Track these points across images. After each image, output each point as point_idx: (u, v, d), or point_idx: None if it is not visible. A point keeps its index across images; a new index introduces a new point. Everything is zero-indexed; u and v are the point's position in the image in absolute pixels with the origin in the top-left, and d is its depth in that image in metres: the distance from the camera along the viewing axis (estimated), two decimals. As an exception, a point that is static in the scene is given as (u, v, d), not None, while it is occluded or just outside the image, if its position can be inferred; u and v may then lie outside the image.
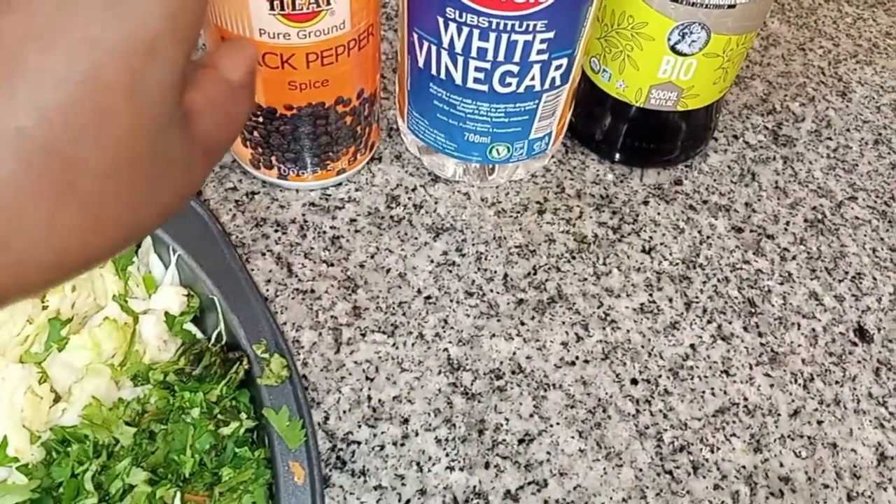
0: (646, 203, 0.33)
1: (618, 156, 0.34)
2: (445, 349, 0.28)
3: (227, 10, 0.25)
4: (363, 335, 0.28)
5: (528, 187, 0.34)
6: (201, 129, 0.15)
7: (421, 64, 0.29)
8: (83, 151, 0.12)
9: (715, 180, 0.35)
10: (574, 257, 0.31)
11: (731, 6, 0.27)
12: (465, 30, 0.26)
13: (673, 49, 0.29)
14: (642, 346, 0.29)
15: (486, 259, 0.31)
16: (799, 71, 0.40)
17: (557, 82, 0.29)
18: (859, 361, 0.29)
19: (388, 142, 0.34)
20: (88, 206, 0.13)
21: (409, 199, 0.33)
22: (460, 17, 0.26)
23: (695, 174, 0.35)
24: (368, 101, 0.30)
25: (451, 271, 0.30)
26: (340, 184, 0.32)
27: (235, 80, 0.16)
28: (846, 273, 0.32)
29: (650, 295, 0.31)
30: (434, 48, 0.28)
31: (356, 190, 0.32)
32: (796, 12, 0.43)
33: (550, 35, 0.27)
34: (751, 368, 0.29)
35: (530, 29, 0.26)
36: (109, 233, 0.13)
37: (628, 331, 0.29)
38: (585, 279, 0.31)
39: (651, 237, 0.32)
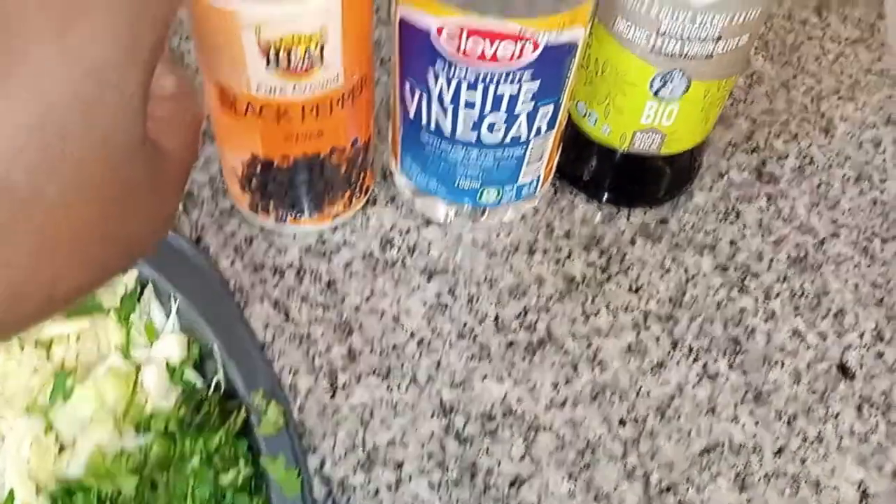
0: (633, 242, 0.34)
1: (605, 196, 0.35)
2: (438, 392, 0.29)
3: (226, 67, 0.26)
4: (358, 379, 0.29)
5: (518, 228, 0.34)
6: (168, 152, 0.15)
7: (412, 114, 0.30)
8: (38, 182, 0.12)
9: (700, 219, 0.36)
10: (563, 298, 0.32)
11: (709, 56, 0.28)
12: (454, 82, 0.27)
13: (655, 95, 0.30)
14: (630, 386, 0.30)
15: (477, 301, 0.32)
16: (782, 108, 0.41)
17: (544, 129, 0.30)
18: (842, 398, 0.30)
19: (382, 184, 0.35)
20: (47, 239, 0.12)
21: (403, 241, 0.33)
22: (449, 70, 0.27)
23: (681, 213, 0.36)
24: (363, 149, 0.31)
25: (443, 313, 0.31)
26: (336, 227, 0.33)
27: (176, 90, 0.16)
28: (829, 310, 0.33)
29: (637, 334, 0.31)
30: (425, 99, 0.29)
31: (351, 233, 0.33)
32: (780, 50, 0.44)
33: (535, 86, 0.28)
34: (736, 407, 0.30)
35: (516, 80, 0.27)
36: (74, 268, 0.13)
37: (616, 371, 0.30)
38: (574, 319, 0.32)
39: (638, 276, 0.33)
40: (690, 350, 0.31)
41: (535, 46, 0.26)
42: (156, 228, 0.15)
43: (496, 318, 0.31)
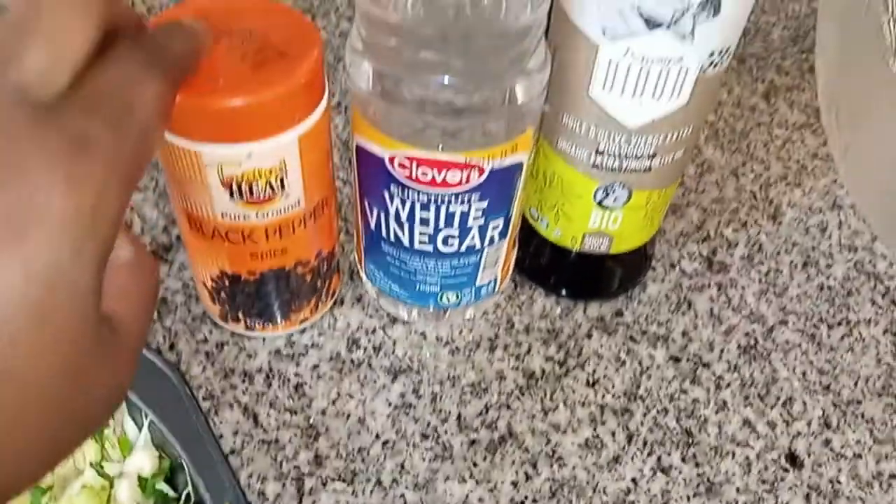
0: (589, 336, 0.36)
1: (562, 291, 0.37)
2: (402, 495, 0.30)
3: (193, 197, 0.28)
4: (324, 484, 0.30)
5: (480, 324, 0.36)
6: (122, 322, 0.16)
7: (372, 226, 0.32)
8: None
9: (653, 310, 0.37)
10: (523, 394, 0.34)
11: (647, 170, 0.31)
12: (408, 203, 0.29)
13: (599, 204, 0.32)
14: (587, 483, 0.31)
15: (440, 399, 0.33)
16: (732, 196, 0.43)
17: (496, 239, 0.32)
18: (790, 488, 0.32)
19: (349, 284, 0.37)
20: None
21: (369, 341, 0.35)
22: (403, 192, 0.29)
23: (635, 305, 0.37)
24: (327, 258, 0.33)
25: (407, 413, 0.33)
26: (304, 330, 0.35)
27: (132, 259, 0.17)
28: (777, 398, 0.34)
29: (594, 429, 0.33)
30: (383, 215, 0.31)
31: (319, 335, 0.35)
32: (729, 137, 0.47)
33: (485, 204, 0.29)
34: (688, 500, 0.31)
35: (465, 201, 0.29)
36: (30, 453, 0.14)
37: (574, 467, 0.31)
38: (534, 416, 0.33)
39: (595, 370, 0.35)
40: (645, 443, 0.32)
41: (481, 172, 0.28)
42: (110, 400, 0.16)
43: (458, 417, 0.33)
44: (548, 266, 0.37)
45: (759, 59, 0.53)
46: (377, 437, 0.32)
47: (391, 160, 0.28)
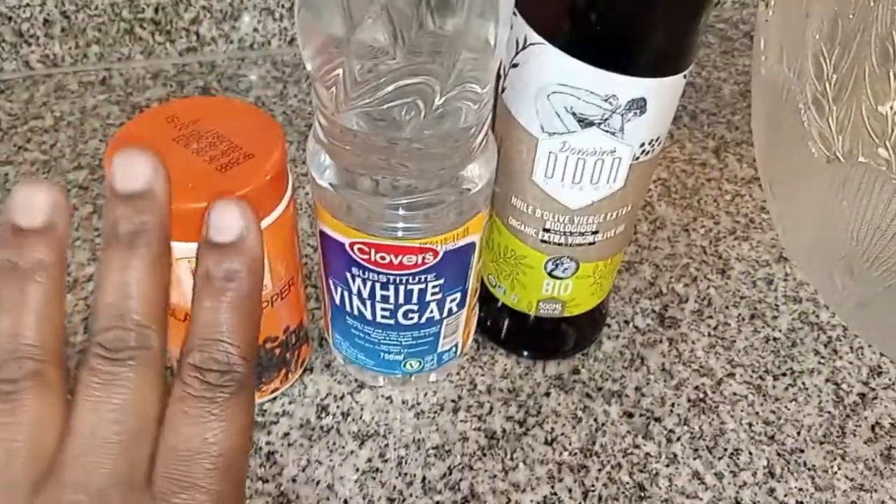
0: (547, 395, 0.38)
1: (522, 352, 0.39)
2: (368, 559, 0.32)
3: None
4: (295, 550, 0.32)
5: (444, 387, 0.38)
6: None
7: (337, 302, 0.34)
8: None
9: (608, 367, 0.39)
10: (485, 454, 0.35)
11: (591, 243, 0.33)
12: (369, 283, 0.31)
13: (550, 275, 0.34)
14: (544, 540, 0.33)
15: (406, 463, 0.35)
16: (683, 252, 0.45)
17: (455, 310, 0.34)
18: (736, 538, 0.33)
19: (319, 351, 0.39)
20: None
21: (338, 407, 0.37)
22: (363, 274, 0.31)
23: (591, 362, 0.39)
24: (295, 332, 0.35)
25: (374, 478, 0.34)
26: (276, 398, 0.37)
27: None
28: (725, 450, 0.36)
29: (552, 487, 0.35)
30: (346, 293, 0.33)
31: (290, 402, 0.37)
32: (681, 193, 0.49)
33: (441, 281, 0.32)
34: (640, 554, 0.33)
35: (422, 280, 0.31)
36: None
37: (532, 525, 0.33)
38: (495, 476, 0.35)
39: (553, 428, 0.37)
40: (600, 499, 0.34)
41: (436, 254, 0.30)
42: None
43: (423, 480, 0.34)
44: (507, 328, 0.39)
45: (710, 114, 0.56)
46: (345, 503, 0.33)
47: (351, 246, 0.30)
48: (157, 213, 0.23)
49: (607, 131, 0.27)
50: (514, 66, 0.28)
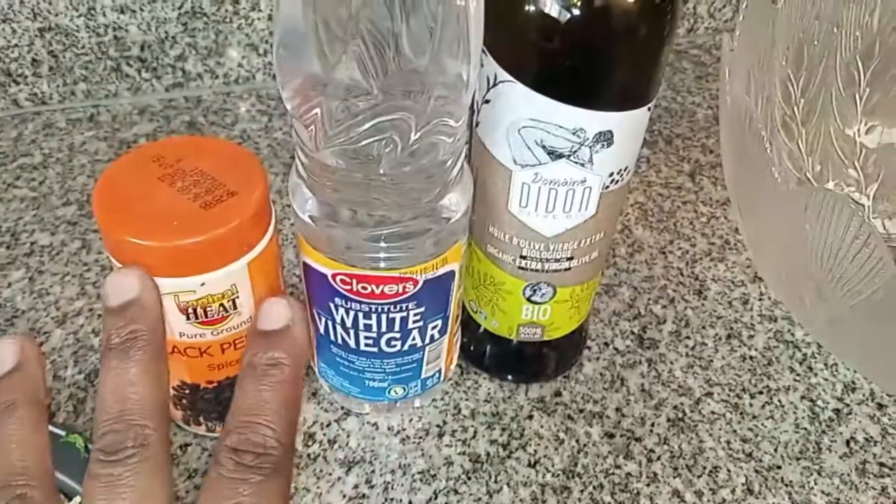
0: (530, 417, 0.39)
1: (505, 375, 0.40)
2: (356, 584, 0.32)
3: (152, 319, 0.30)
4: (283, 578, 0.32)
5: (429, 412, 0.39)
6: None
7: (322, 332, 0.34)
8: None
9: (589, 388, 0.40)
10: (469, 478, 0.36)
11: (567, 269, 0.34)
12: (352, 312, 0.32)
13: (529, 300, 0.35)
14: (529, 561, 0.33)
15: (392, 489, 0.36)
16: (660, 274, 0.47)
17: (437, 337, 0.35)
18: (716, 555, 0.34)
19: (305, 380, 0.39)
20: None
21: (324, 434, 0.37)
22: (346, 303, 0.32)
23: (572, 384, 0.40)
24: (281, 361, 0.35)
25: (361, 504, 0.35)
26: (263, 427, 0.37)
27: None
28: (704, 468, 0.37)
29: (535, 508, 0.35)
30: (330, 322, 0.33)
31: (277, 431, 0.37)
32: (658, 217, 0.50)
33: (422, 309, 0.32)
34: (622, 573, 0.33)
35: (404, 309, 0.32)
36: None
37: (516, 547, 0.34)
38: (480, 499, 0.35)
39: (535, 451, 0.37)
40: (583, 519, 0.35)
41: (416, 283, 0.31)
42: None
43: (409, 504, 0.35)
44: (490, 353, 0.40)
45: (685, 138, 0.57)
46: (333, 528, 0.34)
47: (334, 277, 0.31)
48: (148, 320, 0.24)
49: (577, 162, 0.29)
50: (487, 101, 0.29)
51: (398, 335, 0.33)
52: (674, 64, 0.66)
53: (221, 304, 0.30)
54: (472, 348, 0.40)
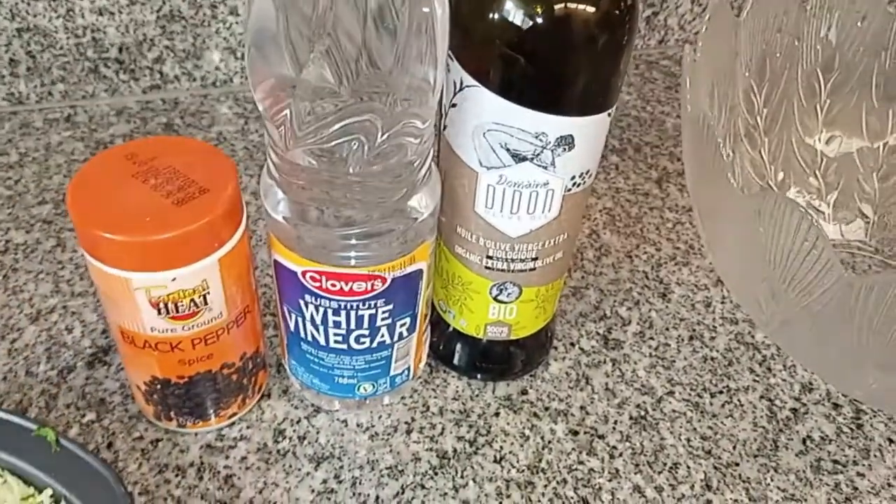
0: (497, 414, 0.40)
1: (473, 374, 0.41)
2: (322, 576, 0.33)
3: (125, 315, 0.31)
4: (251, 570, 0.33)
5: (397, 409, 0.39)
6: None
7: (292, 329, 0.35)
8: None
9: (555, 387, 0.41)
10: (436, 473, 0.37)
11: (532, 269, 0.35)
12: (321, 309, 0.33)
13: (495, 299, 0.36)
14: (492, 553, 0.34)
15: (360, 483, 0.36)
16: (626, 277, 0.48)
17: (405, 335, 0.36)
18: (674, 548, 0.35)
19: (276, 377, 0.40)
20: None
21: (294, 431, 0.38)
22: (316, 300, 0.33)
23: (538, 383, 0.41)
24: (251, 358, 0.36)
25: (329, 499, 0.36)
26: (234, 423, 0.38)
27: None
28: (664, 464, 0.38)
29: (500, 503, 0.36)
30: (300, 319, 0.34)
31: (248, 427, 0.38)
32: (625, 222, 0.52)
33: (390, 307, 0.33)
34: (583, 565, 0.34)
35: (372, 306, 0.33)
36: None
37: (481, 540, 0.35)
38: (446, 493, 0.36)
39: (501, 447, 0.38)
40: (546, 513, 0.36)
41: (384, 281, 0.32)
42: None
43: (377, 499, 0.36)
44: (458, 352, 0.41)
45: (653, 146, 0.59)
46: (301, 521, 0.35)
47: (303, 274, 0.32)
48: None
49: (540, 165, 0.30)
50: (454, 105, 0.30)
51: (367, 332, 0.34)
52: (644, 74, 0.67)
53: (192, 300, 0.30)
54: (441, 347, 0.41)
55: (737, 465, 0.39)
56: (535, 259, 0.34)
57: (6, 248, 0.46)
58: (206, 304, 0.31)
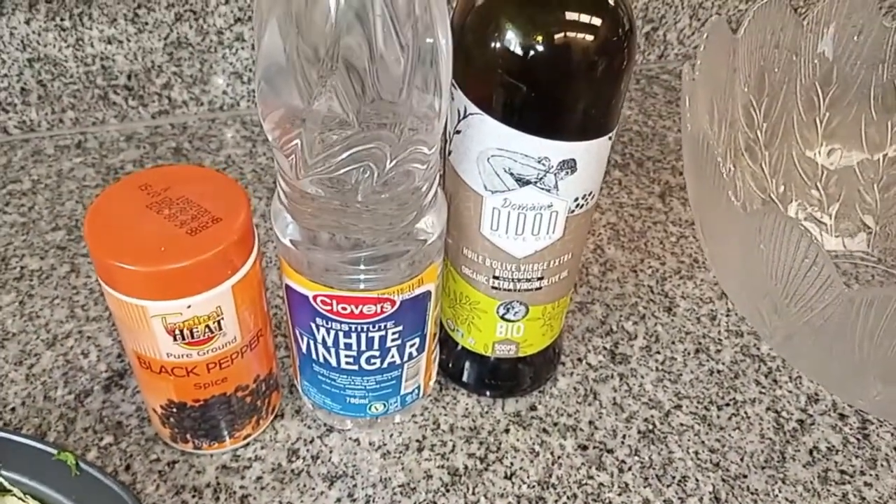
0: (507, 431, 0.40)
1: (482, 391, 0.41)
2: None
3: (141, 342, 0.32)
4: (268, 589, 0.33)
5: (409, 427, 0.40)
6: None
7: (304, 351, 0.36)
8: None
9: (563, 402, 0.42)
10: (448, 490, 0.38)
11: (538, 289, 0.36)
12: (332, 331, 0.34)
13: (502, 318, 0.37)
14: (504, 569, 0.35)
15: (373, 501, 0.37)
16: (632, 291, 0.48)
17: (415, 354, 0.36)
18: (684, 561, 0.36)
19: (289, 398, 0.41)
20: None
21: (308, 450, 0.39)
22: (327, 323, 0.33)
23: (547, 398, 0.42)
24: (265, 380, 0.37)
25: (343, 517, 0.36)
26: (248, 444, 0.38)
27: None
28: (673, 478, 0.39)
29: (511, 519, 0.37)
30: (311, 341, 0.35)
31: (262, 448, 0.38)
32: (629, 237, 0.52)
33: (400, 328, 0.34)
34: (594, 579, 0.35)
35: (382, 328, 0.34)
36: None
37: (493, 556, 0.35)
38: (457, 510, 0.37)
39: (512, 463, 0.39)
40: (557, 528, 0.36)
41: (393, 304, 0.33)
42: None
43: (389, 517, 0.36)
44: (467, 369, 0.41)
45: (655, 161, 0.59)
46: (316, 540, 0.35)
47: (315, 298, 0.32)
48: None
49: (543, 189, 0.30)
50: (458, 132, 0.31)
51: (377, 353, 0.35)
52: (645, 89, 0.68)
53: (207, 326, 0.31)
54: (450, 365, 0.42)
55: (745, 477, 0.39)
56: (541, 278, 0.35)
57: (21, 274, 0.47)
58: (220, 329, 0.32)
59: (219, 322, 0.31)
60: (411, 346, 0.35)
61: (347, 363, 0.35)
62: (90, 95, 0.57)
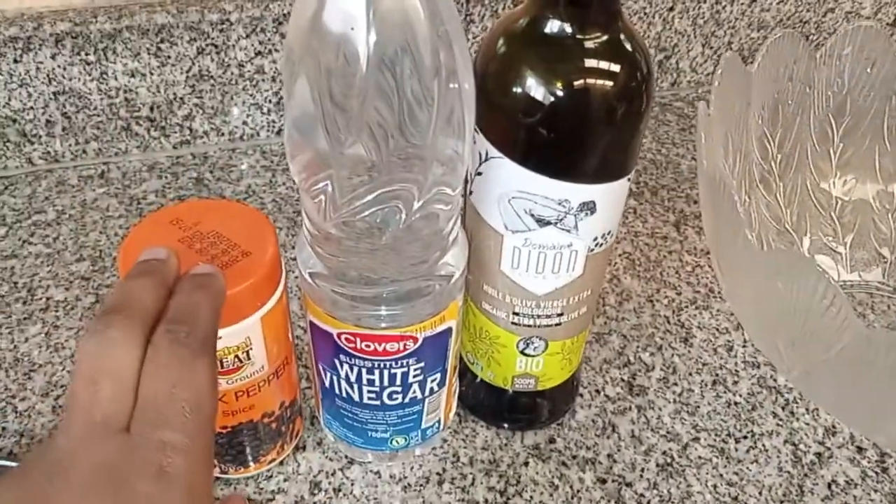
0: (526, 464, 0.41)
1: (501, 424, 0.42)
2: None
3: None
4: None
5: (429, 459, 0.40)
6: None
7: (327, 385, 0.36)
8: None
9: (582, 435, 0.42)
10: (468, 523, 0.38)
11: (558, 324, 0.36)
12: (355, 368, 0.34)
13: (522, 353, 0.37)
14: None
15: (394, 534, 0.37)
16: (648, 322, 0.49)
17: (436, 389, 0.37)
18: None
19: (310, 430, 0.41)
20: None
21: (330, 483, 0.39)
22: (350, 360, 0.34)
23: (565, 431, 0.42)
24: (289, 406, 0.37)
25: (364, 550, 0.37)
26: (272, 475, 0.39)
27: None
28: (692, 511, 0.39)
29: (531, 553, 0.37)
30: (335, 377, 0.35)
31: (285, 480, 0.39)
32: (645, 266, 0.53)
33: (422, 365, 0.35)
34: None
35: (404, 364, 0.34)
36: None
37: (513, 590, 0.35)
38: (477, 544, 0.37)
39: (531, 497, 0.39)
40: (576, 563, 0.37)
41: (416, 341, 0.33)
42: None
43: (410, 550, 0.37)
44: (486, 402, 0.42)
45: (669, 189, 0.60)
46: (338, 574, 0.36)
47: (338, 335, 0.33)
48: (165, 273, 0.27)
49: (563, 229, 0.31)
50: (479, 174, 0.32)
51: (399, 389, 0.35)
52: (658, 116, 0.69)
53: (236, 356, 0.32)
54: (469, 397, 0.42)
55: (763, 510, 0.39)
56: (561, 315, 0.35)
57: (47, 305, 0.48)
58: (248, 359, 0.32)
59: (248, 352, 0.32)
60: (432, 381, 0.36)
61: (370, 398, 0.36)
62: (113, 126, 0.59)
